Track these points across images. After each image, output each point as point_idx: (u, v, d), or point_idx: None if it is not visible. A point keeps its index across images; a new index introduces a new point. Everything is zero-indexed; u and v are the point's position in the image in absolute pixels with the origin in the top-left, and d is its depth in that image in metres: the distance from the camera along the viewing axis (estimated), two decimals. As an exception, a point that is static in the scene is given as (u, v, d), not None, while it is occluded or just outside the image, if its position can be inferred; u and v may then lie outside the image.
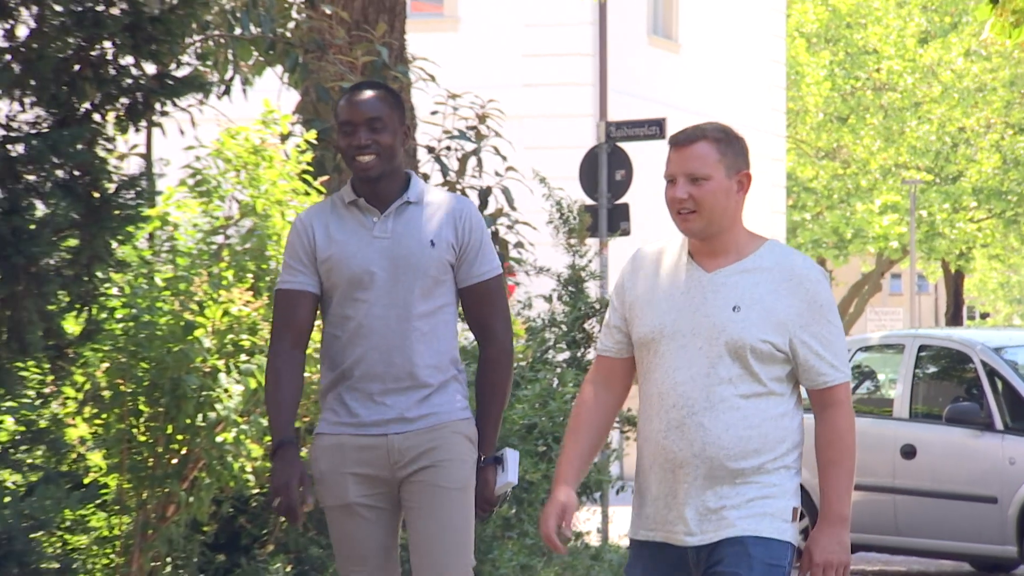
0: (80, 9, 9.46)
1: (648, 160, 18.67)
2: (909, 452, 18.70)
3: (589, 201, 17.48)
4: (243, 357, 10.06)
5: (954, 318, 59.14)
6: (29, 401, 9.66)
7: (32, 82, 9.38)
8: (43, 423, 9.84)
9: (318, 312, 6.56)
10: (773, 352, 5.41)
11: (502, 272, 6.55)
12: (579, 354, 15.07)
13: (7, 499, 8.97)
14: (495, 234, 15.00)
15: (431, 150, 14.86)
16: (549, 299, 15.33)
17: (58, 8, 9.48)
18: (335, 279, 6.28)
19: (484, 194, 15.05)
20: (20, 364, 9.48)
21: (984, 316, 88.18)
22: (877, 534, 19.23)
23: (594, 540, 15.41)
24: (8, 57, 9.36)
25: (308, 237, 6.35)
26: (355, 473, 6.35)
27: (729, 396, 5.41)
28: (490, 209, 14.96)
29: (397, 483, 6.34)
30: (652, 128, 18.82)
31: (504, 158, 15.03)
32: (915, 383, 19.52)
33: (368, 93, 6.43)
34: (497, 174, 14.99)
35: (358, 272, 6.23)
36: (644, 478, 5.56)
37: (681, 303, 5.47)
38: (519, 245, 15.06)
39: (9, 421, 9.56)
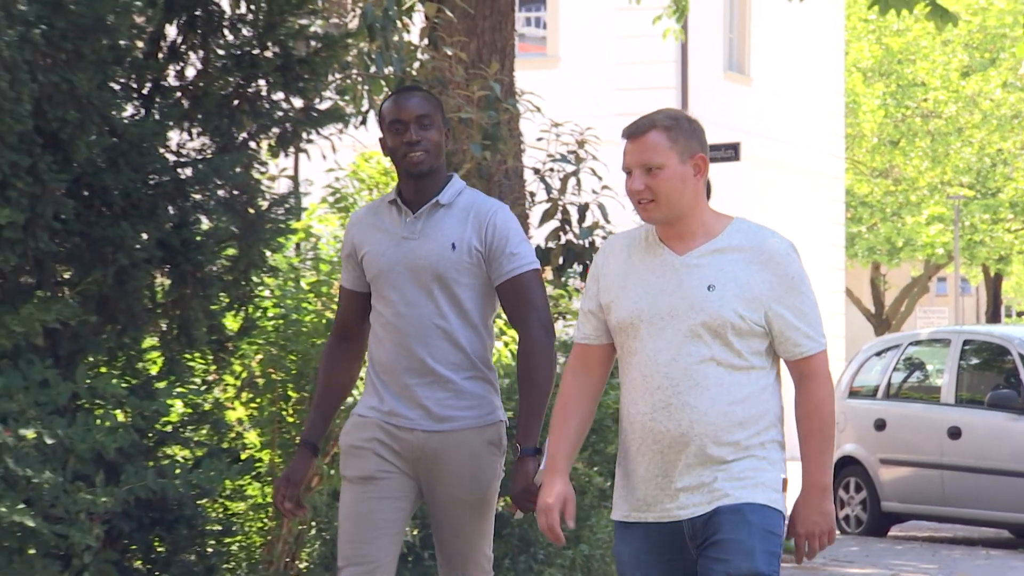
0: (239, 53, 9.61)
1: (724, 178, 18.67)
2: (955, 433, 18.93)
3: (672, 214, 17.48)
4: None
5: (993, 316, 58.63)
6: (195, 387, 9.83)
7: (199, 115, 9.54)
8: (207, 406, 9.97)
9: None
10: (751, 327, 5.05)
11: (536, 268, 6.00)
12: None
13: (177, 471, 9.08)
14: (592, 243, 15.08)
15: (537, 171, 14.90)
16: (639, 299, 15.30)
17: (220, 52, 9.63)
18: (369, 276, 5.93)
19: (582, 209, 15.09)
20: (188, 356, 9.68)
21: (1020, 314, 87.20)
22: (927, 505, 19.40)
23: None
24: (179, 94, 9.54)
25: (351, 236, 6.07)
26: (379, 454, 5.89)
27: (712, 373, 5.03)
28: (587, 222, 15.05)
29: (416, 477, 5.92)
30: (728, 151, 18.84)
31: (600, 178, 15.07)
32: (960, 373, 19.75)
33: (414, 94, 6.10)
34: (593, 192, 15.05)
35: (384, 270, 5.85)
36: (631, 461, 5.20)
37: (656, 287, 5.09)
38: (615, 252, 15.13)
39: (179, 404, 9.68)
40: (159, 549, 9.29)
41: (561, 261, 14.66)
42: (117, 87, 8.96)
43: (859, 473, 19.61)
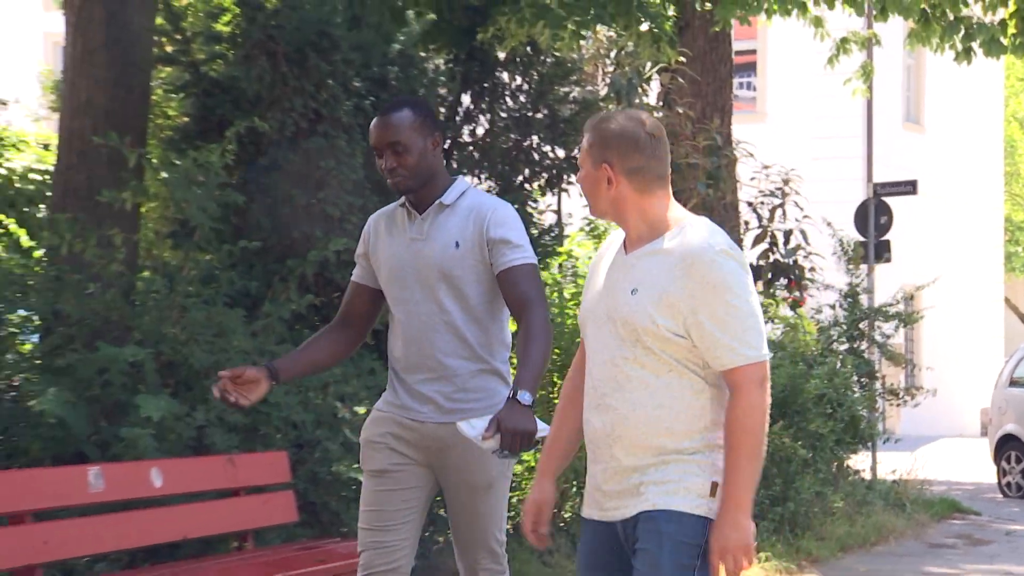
0: (517, 115, 9.84)
1: (903, 209, 18.45)
2: None
3: (860, 238, 17.31)
4: None
5: None
6: None
7: (486, 163, 9.77)
8: None
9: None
10: (668, 335, 4.07)
11: (533, 263, 5.15)
12: (855, 345, 14.90)
13: None
14: (795, 263, 15.09)
15: (750, 204, 14.93)
16: (833, 307, 15.17)
17: (503, 115, 9.87)
18: (382, 277, 5.20)
19: (787, 234, 15.08)
20: None
21: None
22: None
23: (867, 475, 15.21)
24: (471, 147, 9.78)
25: (367, 236, 5.30)
26: (392, 448, 5.19)
27: (636, 376, 4.11)
28: (791, 244, 15.07)
29: (430, 467, 5.23)
30: (907, 187, 18.53)
31: (801, 209, 15.05)
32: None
33: (390, 117, 5.16)
34: (796, 220, 15.07)
35: (394, 270, 5.15)
36: (588, 459, 4.32)
37: (603, 287, 4.24)
38: (812, 269, 15.09)
39: None
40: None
41: (770, 276, 14.72)
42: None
43: (1019, 448, 18.92)
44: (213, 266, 8.03)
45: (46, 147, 11.45)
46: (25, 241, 8.74)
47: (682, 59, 11.58)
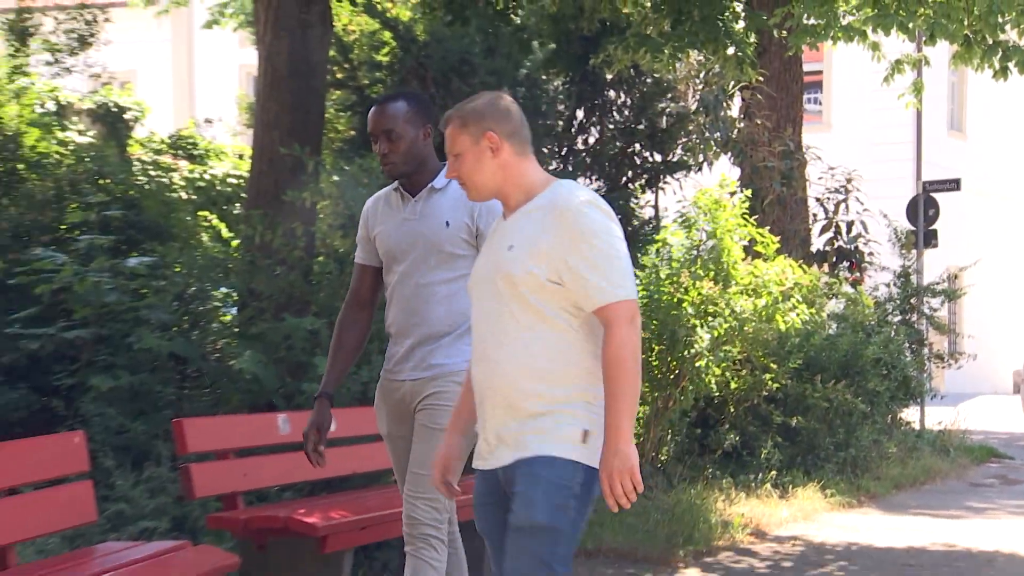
0: (622, 126, 9.87)
1: (948, 203, 18.23)
2: None
3: (911, 228, 17.10)
4: (710, 319, 9.82)
5: None
6: None
7: (596, 167, 9.81)
8: None
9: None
10: (544, 282, 3.72)
11: None
12: (907, 317, 14.78)
13: None
14: (856, 248, 14.99)
15: (818, 200, 14.91)
16: (888, 285, 15.05)
17: (610, 126, 9.89)
18: (381, 252, 4.84)
19: (849, 224, 15.00)
20: None
21: None
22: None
23: (916, 426, 15.08)
24: (584, 154, 9.82)
25: (366, 219, 4.93)
26: (389, 411, 4.85)
27: (512, 329, 3.77)
28: (852, 233, 14.98)
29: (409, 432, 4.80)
30: (951, 184, 18.31)
31: (861, 203, 14.99)
32: None
33: (386, 106, 4.78)
34: (857, 213, 14.97)
35: (391, 246, 4.78)
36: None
37: (485, 252, 3.95)
38: (870, 254, 14.99)
39: None
40: None
41: (834, 259, 14.65)
42: (546, 150, 9.25)
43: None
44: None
45: (241, 157, 11.66)
46: (225, 233, 8.94)
47: (760, 78, 11.50)
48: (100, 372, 6.85)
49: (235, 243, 8.51)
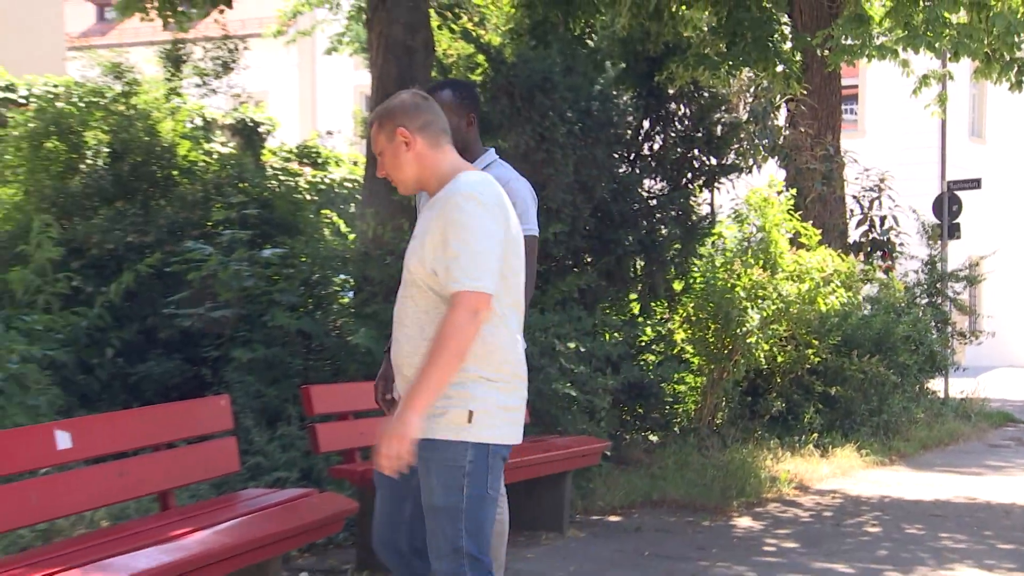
0: (683, 134, 9.80)
1: (970, 200, 17.93)
2: None
3: (937, 222, 16.86)
4: (759, 301, 9.76)
5: None
6: (657, 321, 9.92)
7: (660, 170, 9.76)
8: (664, 332, 9.98)
9: None
10: (430, 270, 3.44)
11: (535, 235, 4.42)
12: (933, 299, 14.63)
13: (649, 367, 9.23)
14: (888, 240, 14.80)
15: (855, 197, 14.79)
16: (917, 272, 14.91)
17: (672, 134, 9.80)
18: None
19: (882, 219, 14.83)
20: (654, 304, 9.80)
21: None
22: None
23: (941, 395, 14.95)
24: (649, 159, 9.77)
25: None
26: None
27: (411, 313, 3.50)
28: (885, 227, 14.82)
29: None
30: (973, 183, 18.02)
31: (892, 200, 14.84)
32: None
33: (434, 94, 4.23)
34: (888, 208, 14.80)
35: None
36: None
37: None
38: (901, 244, 14.82)
39: (648, 331, 9.74)
40: (639, 410, 9.38)
41: (869, 249, 14.51)
42: (616, 156, 9.22)
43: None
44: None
45: (355, 163, 11.75)
46: (343, 228, 9.01)
47: (804, 91, 11.41)
48: (241, 346, 6.95)
49: (351, 237, 8.57)
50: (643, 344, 9.59)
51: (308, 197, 9.54)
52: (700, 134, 9.76)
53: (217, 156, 9.28)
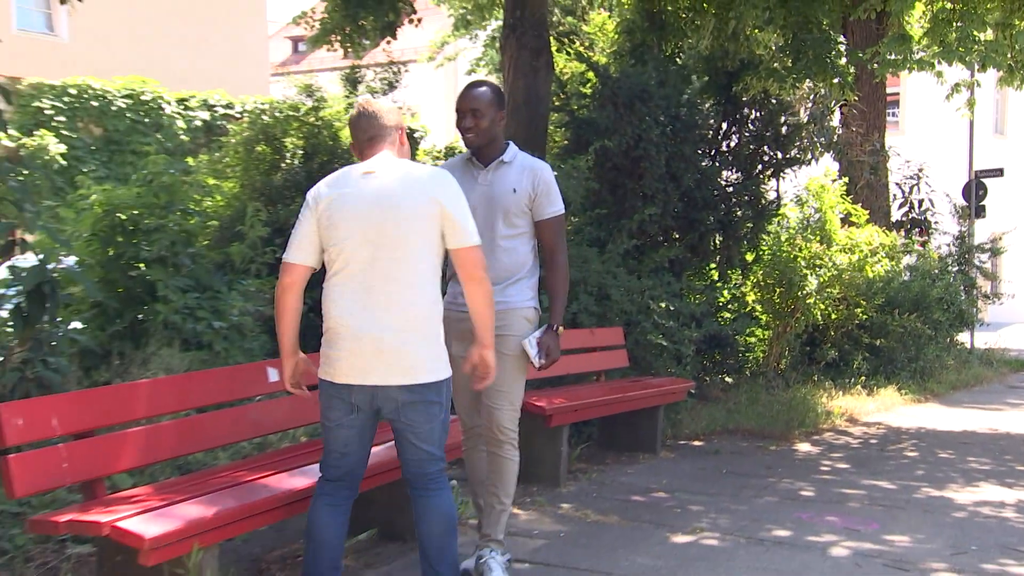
0: (756, 134, 9.55)
1: (995, 186, 17.26)
2: None
3: (966, 204, 16.30)
4: (817, 269, 9.57)
5: None
6: (733, 285, 9.74)
7: (736, 163, 9.52)
8: (738, 293, 9.80)
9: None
10: None
11: (563, 214, 4.14)
12: (962, 267, 14.19)
13: (724, 323, 9.08)
14: (925, 219, 14.34)
15: (897, 184, 14.41)
16: (949, 245, 14.50)
17: (746, 134, 9.53)
18: None
19: (920, 202, 14.42)
20: (730, 271, 9.62)
21: None
22: None
23: (968, 345, 14.56)
24: (727, 153, 9.58)
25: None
26: (454, 337, 3.89)
27: None
28: (922, 208, 14.41)
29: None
30: (996, 172, 17.33)
31: (929, 186, 14.40)
32: None
33: (474, 89, 4.06)
34: (926, 193, 14.36)
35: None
36: None
37: None
38: (936, 223, 14.41)
39: (725, 293, 9.56)
40: (717, 357, 9.21)
41: (909, 227, 14.14)
42: (700, 152, 9.03)
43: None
44: (582, 223, 8.11)
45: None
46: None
47: (855, 98, 11.11)
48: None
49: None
50: (721, 304, 9.46)
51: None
52: (769, 133, 9.57)
53: (384, 156, 9.41)
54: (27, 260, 4.45)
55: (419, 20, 10.56)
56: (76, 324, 5.34)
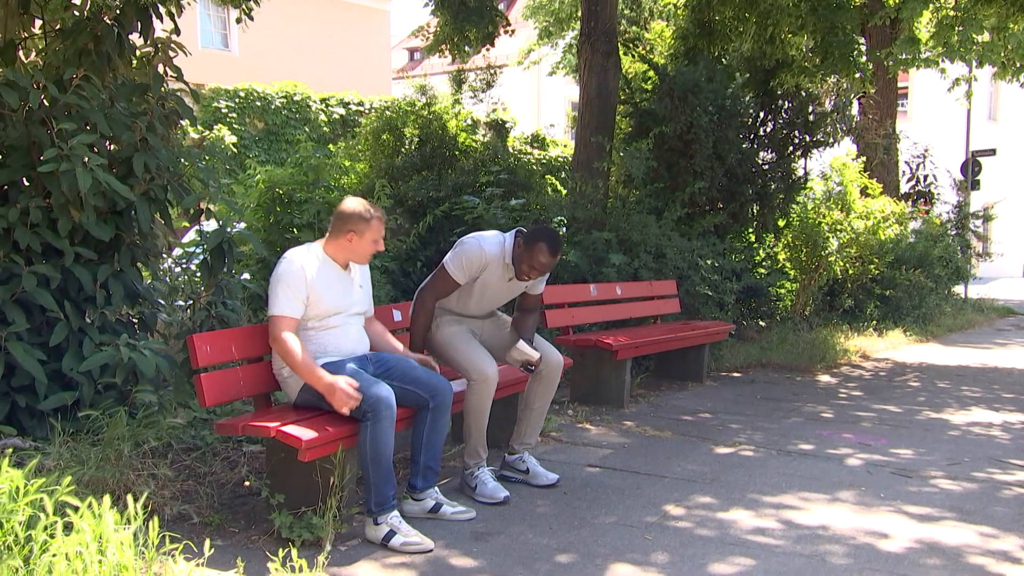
0: (788, 120, 9.12)
1: (988, 165, 16.38)
2: None
3: (963, 178, 15.49)
4: (838, 232, 9.30)
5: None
6: (767, 245, 9.34)
7: (771, 145, 9.17)
8: (771, 253, 9.45)
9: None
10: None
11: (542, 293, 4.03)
12: (960, 231, 13.56)
13: (759, 277, 8.82)
14: (929, 191, 13.70)
15: (907, 163, 13.81)
16: (948, 213, 13.88)
17: (779, 122, 9.10)
18: (477, 286, 3.84)
19: (925, 177, 13.80)
20: (765, 235, 9.23)
21: None
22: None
23: (963, 296, 13.98)
24: (764, 137, 9.20)
25: (483, 265, 3.79)
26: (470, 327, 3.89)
27: None
28: (927, 182, 13.76)
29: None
30: (990, 152, 16.39)
31: (932, 164, 13.72)
32: None
33: (558, 255, 3.76)
34: (930, 169, 13.65)
35: (495, 291, 3.86)
36: None
37: None
38: (938, 194, 13.76)
39: (761, 252, 9.21)
40: (753, 304, 8.91)
41: (915, 198, 13.53)
42: (741, 136, 8.68)
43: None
44: (642, 195, 7.90)
45: (565, 146, 11.61)
46: (559, 187, 8.93)
47: (872, 90, 10.58)
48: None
49: (564, 192, 8.48)
50: (757, 261, 9.24)
51: (537, 168, 9.54)
52: (799, 120, 9.22)
53: (481, 143, 9.31)
54: (210, 225, 4.59)
55: (513, 31, 10.42)
56: (246, 275, 5.49)
